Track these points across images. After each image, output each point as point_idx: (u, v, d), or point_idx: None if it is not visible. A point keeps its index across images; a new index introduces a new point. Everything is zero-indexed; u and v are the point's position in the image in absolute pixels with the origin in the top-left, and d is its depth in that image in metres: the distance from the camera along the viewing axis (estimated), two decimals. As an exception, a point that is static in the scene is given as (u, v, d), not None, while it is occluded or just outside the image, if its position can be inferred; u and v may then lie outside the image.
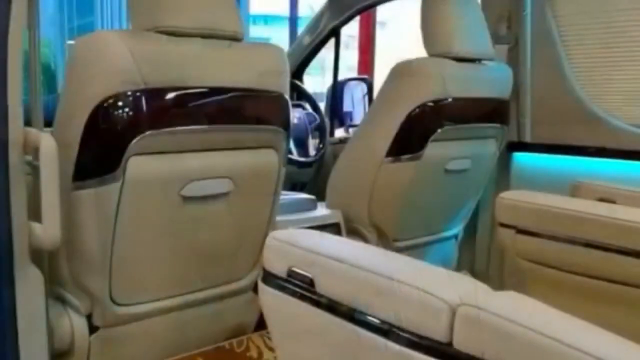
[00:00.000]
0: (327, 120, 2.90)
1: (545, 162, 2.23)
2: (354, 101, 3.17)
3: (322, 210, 1.94)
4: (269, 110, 1.50)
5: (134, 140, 1.25)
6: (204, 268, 1.50)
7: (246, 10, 8.97)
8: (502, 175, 2.28)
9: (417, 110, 1.84)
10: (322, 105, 3.05)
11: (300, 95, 2.87)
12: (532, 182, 2.22)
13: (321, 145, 2.68)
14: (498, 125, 2.08)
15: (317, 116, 2.77)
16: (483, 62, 2.00)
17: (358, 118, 3.08)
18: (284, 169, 1.56)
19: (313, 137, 2.77)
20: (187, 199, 1.37)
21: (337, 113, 3.02)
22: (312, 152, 2.68)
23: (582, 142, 2.11)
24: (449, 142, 1.94)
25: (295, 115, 2.67)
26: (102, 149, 1.25)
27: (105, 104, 1.22)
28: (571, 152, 2.15)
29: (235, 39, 1.41)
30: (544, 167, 2.23)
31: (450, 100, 1.86)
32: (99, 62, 1.23)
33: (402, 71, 1.89)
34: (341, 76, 3.08)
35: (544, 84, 2.18)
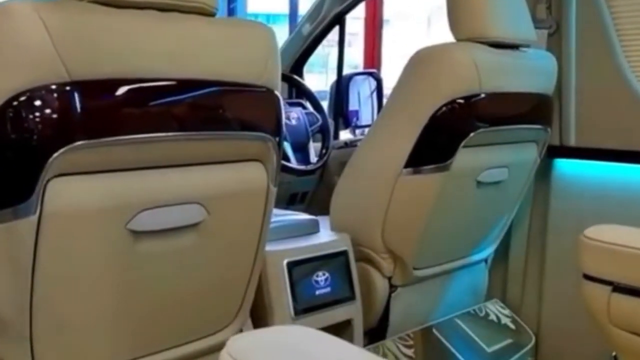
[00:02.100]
0: (330, 121, 2.53)
1: (592, 170, 1.85)
2: (361, 98, 2.79)
3: (325, 235, 1.57)
4: (254, 110, 1.12)
5: (56, 155, 0.88)
6: (167, 324, 1.13)
7: (243, 9, 8.61)
8: (541, 185, 1.90)
9: (444, 109, 1.47)
10: (325, 104, 2.69)
11: (299, 92, 2.50)
12: (577, 195, 1.85)
13: (324, 151, 2.31)
14: (540, 126, 1.70)
15: (319, 116, 2.39)
16: (522, 49, 1.62)
17: (366, 117, 2.72)
18: (274, 188, 1.19)
19: (314, 141, 2.39)
20: (138, 234, 1.00)
21: (342, 112, 2.65)
22: (313, 158, 2.30)
23: (639, 147, 1.74)
24: (482, 148, 1.56)
25: (294, 116, 2.29)
26: (7, 167, 0.88)
27: (10, 106, 0.85)
28: (624, 158, 1.77)
29: (205, 13, 1.03)
30: (591, 176, 1.85)
31: (484, 96, 1.49)
32: (1, 45, 0.86)
33: (423, 60, 1.52)
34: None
35: (591, 77, 1.80)
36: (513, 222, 1.89)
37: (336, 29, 2.52)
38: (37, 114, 0.87)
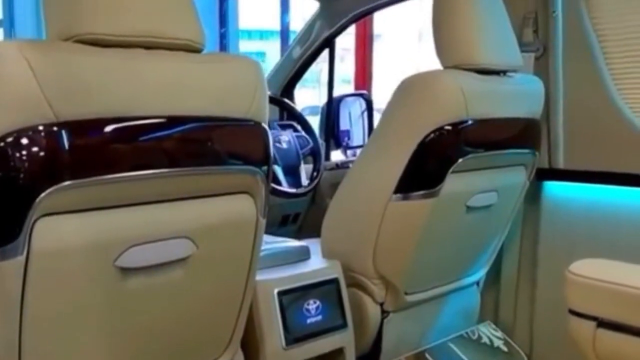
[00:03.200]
0: (321, 142, 2.54)
1: (581, 193, 1.86)
2: (352, 118, 2.80)
3: (316, 262, 1.56)
4: (242, 144, 1.13)
5: (43, 194, 0.88)
6: (157, 358, 1.12)
7: (235, 26, 8.65)
8: (531, 208, 1.91)
9: (432, 135, 1.48)
10: (317, 119, 2.69)
11: (290, 115, 2.50)
12: (567, 217, 1.86)
13: (315, 173, 2.31)
14: (528, 150, 1.71)
15: (309, 139, 2.40)
16: (509, 73, 1.64)
17: (357, 138, 2.73)
18: (263, 219, 1.19)
19: (306, 163, 2.40)
20: (126, 271, 1.00)
21: (333, 133, 2.65)
22: (304, 181, 2.30)
23: (627, 169, 1.75)
24: (471, 173, 1.57)
25: (285, 139, 2.30)
26: None
27: None
28: (613, 180, 1.78)
29: (192, 50, 1.04)
30: (580, 199, 1.86)
31: (472, 122, 1.50)
32: None
33: (411, 87, 1.53)
34: (337, 90, 2.71)
35: (579, 100, 1.81)
36: (504, 244, 1.89)
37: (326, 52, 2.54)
38: (24, 155, 0.87)
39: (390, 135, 1.57)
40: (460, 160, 1.51)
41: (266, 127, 1.15)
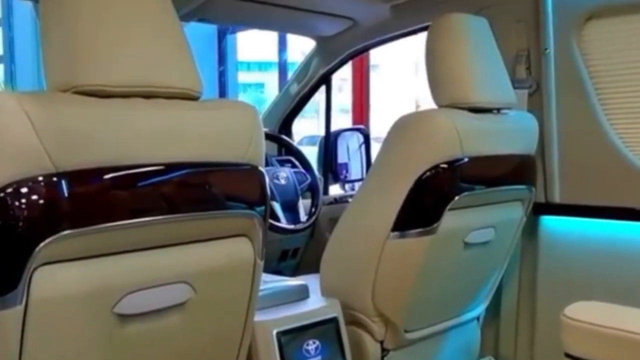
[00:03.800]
0: (319, 176, 2.56)
1: (578, 227, 1.87)
2: (350, 152, 2.82)
3: (315, 301, 1.56)
4: (239, 188, 1.14)
5: (43, 244, 0.89)
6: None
7: (234, 57, 8.75)
8: (529, 242, 1.92)
9: (429, 174, 1.49)
10: (315, 149, 2.71)
11: (288, 151, 2.53)
12: (565, 251, 1.87)
13: (313, 209, 2.32)
14: (524, 186, 1.73)
15: (307, 175, 2.41)
16: (503, 111, 1.66)
17: (355, 171, 2.74)
18: (261, 261, 1.20)
19: (304, 198, 2.41)
20: (124, 317, 1.00)
21: (331, 167, 2.67)
22: (303, 217, 2.31)
23: (623, 203, 1.76)
24: (468, 209, 1.58)
25: (283, 175, 2.31)
26: None
27: None
28: (609, 214, 1.79)
29: (189, 97, 1.06)
30: (577, 233, 1.87)
31: (467, 160, 1.52)
32: None
33: (406, 126, 1.55)
34: (335, 119, 2.74)
35: (573, 135, 1.84)
36: (503, 279, 1.90)
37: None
38: (24, 205, 0.88)
39: (387, 173, 1.58)
40: (456, 197, 1.52)
41: (263, 170, 1.17)
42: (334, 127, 2.69)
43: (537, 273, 1.92)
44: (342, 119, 6.12)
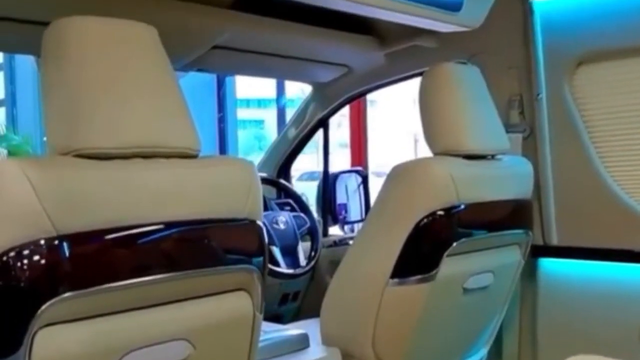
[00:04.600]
0: (319, 219, 2.57)
1: (577, 269, 1.87)
2: (349, 192, 2.84)
3: (315, 351, 1.56)
4: (238, 243, 1.16)
5: (44, 306, 0.90)
6: None
7: (233, 95, 8.87)
8: (528, 285, 1.92)
9: (426, 220, 1.51)
10: (315, 184, 2.73)
11: (287, 195, 2.54)
12: (564, 293, 1.87)
13: (313, 253, 2.33)
14: (521, 230, 1.74)
15: (306, 218, 2.43)
16: (497, 157, 1.68)
17: (354, 212, 2.76)
18: (260, 315, 1.20)
19: (303, 241, 2.42)
20: None
21: (330, 209, 2.69)
22: (302, 261, 2.32)
23: (620, 245, 1.77)
24: (466, 255, 1.59)
25: (282, 220, 2.32)
26: None
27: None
28: (607, 256, 1.80)
29: (188, 156, 1.08)
30: (576, 275, 1.88)
31: (463, 206, 1.53)
32: None
33: (402, 175, 1.57)
34: (334, 154, 2.77)
35: (568, 178, 1.86)
36: (503, 323, 1.89)
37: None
38: (25, 269, 0.89)
39: (384, 221, 1.60)
40: (454, 244, 1.53)
41: (261, 224, 1.18)
42: (333, 161, 2.72)
43: (537, 316, 1.92)
44: (341, 154, 6.18)
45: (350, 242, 2.43)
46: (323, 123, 2.53)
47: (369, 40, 2.07)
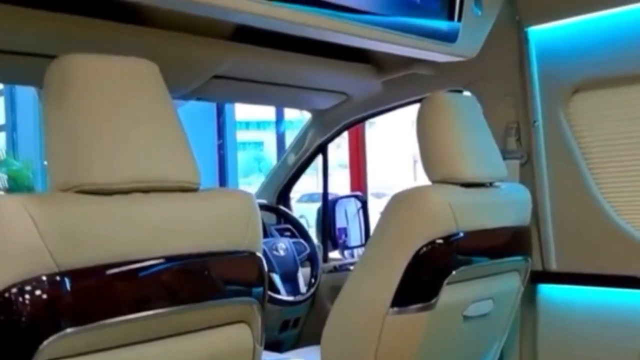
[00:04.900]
0: (319, 244, 2.58)
1: (577, 295, 1.87)
2: (348, 216, 2.85)
3: (316, 381, 1.56)
4: (238, 276, 1.16)
5: (46, 342, 0.90)
6: None
7: (232, 117, 8.94)
8: (528, 311, 1.92)
9: (425, 249, 1.51)
10: (315, 206, 2.74)
11: (286, 221, 2.56)
12: (564, 319, 1.87)
13: (313, 280, 2.33)
14: (521, 257, 1.75)
15: (306, 245, 2.43)
16: (495, 184, 1.70)
17: (354, 237, 2.77)
18: (260, 347, 1.21)
19: (303, 267, 2.42)
20: None
21: (330, 234, 2.70)
22: (302, 287, 2.32)
23: (619, 271, 1.78)
24: (466, 283, 1.60)
25: (282, 246, 2.33)
26: None
27: (1, 297, 0.89)
28: (606, 282, 1.80)
29: (188, 189, 1.10)
30: (576, 301, 1.88)
31: (462, 234, 1.54)
32: None
33: (401, 203, 1.58)
34: (334, 174, 2.78)
35: (565, 205, 1.87)
36: (504, 349, 1.89)
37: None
38: (28, 305, 0.90)
39: (384, 249, 1.60)
40: (454, 272, 1.54)
41: (261, 255, 1.19)
42: (332, 182, 2.74)
43: (537, 342, 1.91)
44: (341, 174, 6.22)
45: (351, 267, 2.44)
46: (322, 149, 2.55)
47: (366, 68, 2.10)
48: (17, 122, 8.41)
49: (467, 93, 1.99)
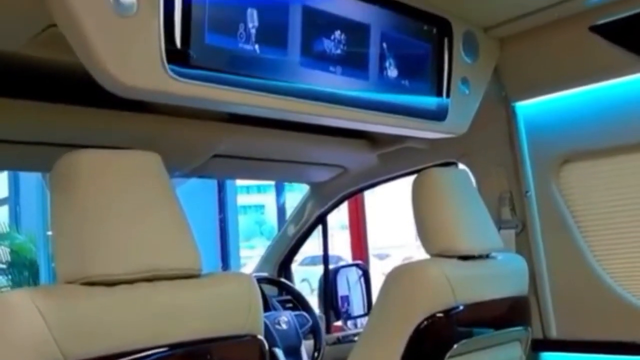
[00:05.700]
0: (321, 315, 2.58)
1: (578, 363, 1.87)
2: (350, 284, 2.87)
3: None
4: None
5: None
6: None
7: (233, 182, 9.04)
8: (532, 382, 1.91)
9: (426, 322, 1.53)
10: (317, 269, 2.75)
11: (288, 294, 2.57)
12: None
13: (316, 353, 2.32)
14: (521, 327, 1.76)
15: (308, 317, 2.44)
16: (491, 255, 1.73)
17: (357, 306, 2.78)
18: None
19: (306, 339, 2.42)
20: None
21: (332, 305, 2.71)
22: (306, 361, 2.31)
23: (618, 337, 1.78)
24: (468, 355, 1.60)
25: (284, 320, 2.33)
26: None
27: None
28: (607, 349, 1.80)
29: (190, 276, 1.13)
30: (578, 369, 1.87)
31: (462, 307, 1.56)
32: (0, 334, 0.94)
33: (400, 278, 1.61)
34: (335, 235, 2.81)
35: (562, 273, 1.89)
36: (509, 421, 1.87)
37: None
38: None
39: (386, 322, 1.62)
40: (455, 345, 1.55)
41: (262, 338, 1.21)
42: (333, 243, 2.76)
43: (542, 411, 1.90)
44: (342, 235, 6.23)
45: (354, 338, 2.44)
46: (321, 219, 2.59)
47: (362, 143, 2.17)
48: (20, 196, 8.48)
49: (460, 165, 2.05)
